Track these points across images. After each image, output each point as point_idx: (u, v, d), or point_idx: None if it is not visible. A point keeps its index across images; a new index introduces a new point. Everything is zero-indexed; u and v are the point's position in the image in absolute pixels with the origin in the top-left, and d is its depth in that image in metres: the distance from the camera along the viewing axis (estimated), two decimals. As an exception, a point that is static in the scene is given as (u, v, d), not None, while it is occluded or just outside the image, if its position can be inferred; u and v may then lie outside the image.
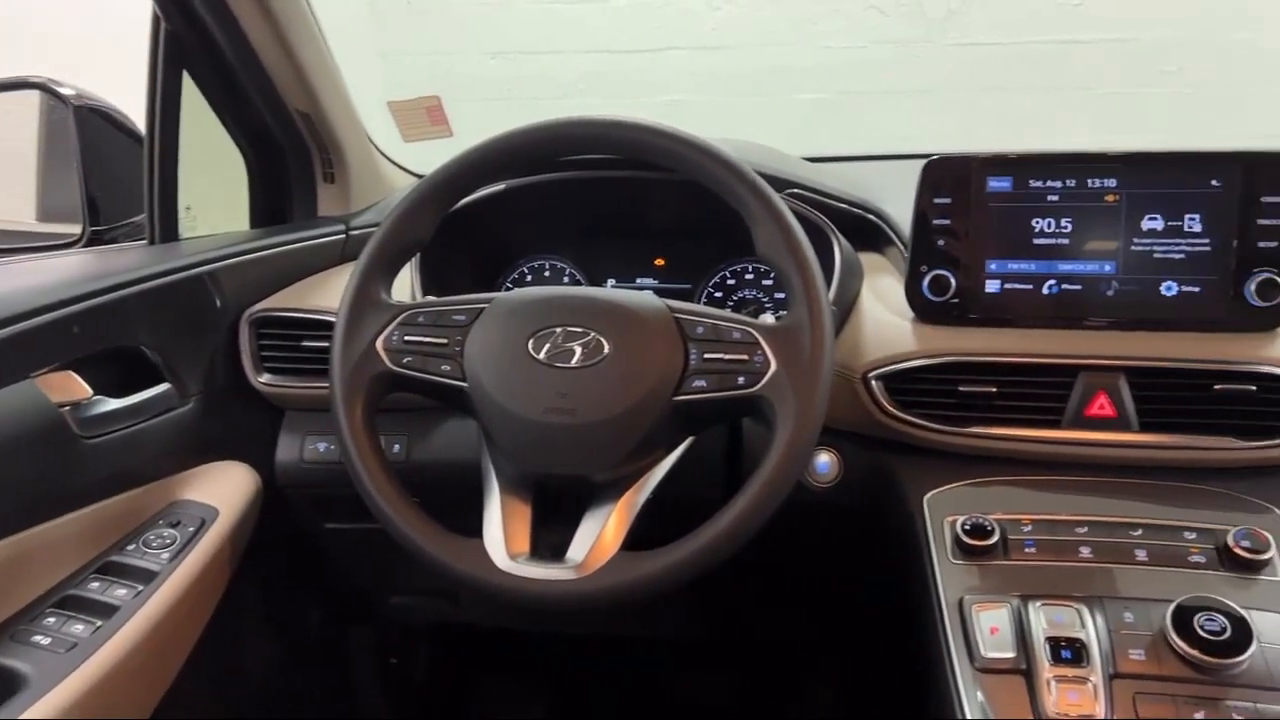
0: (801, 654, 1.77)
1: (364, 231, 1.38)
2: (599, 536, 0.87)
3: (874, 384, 1.05)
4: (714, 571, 0.85)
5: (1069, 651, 0.83)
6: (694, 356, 0.89)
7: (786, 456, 0.84)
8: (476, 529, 0.90)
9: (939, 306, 1.06)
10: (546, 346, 0.91)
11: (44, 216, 1.49)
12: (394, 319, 0.95)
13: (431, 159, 1.02)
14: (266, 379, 1.21)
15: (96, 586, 1.00)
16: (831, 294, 1.09)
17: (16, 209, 1.54)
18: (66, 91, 1.34)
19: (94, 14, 2.51)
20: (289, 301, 1.23)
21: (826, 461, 1.11)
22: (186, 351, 1.15)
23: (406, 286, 1.21)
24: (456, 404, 0.95)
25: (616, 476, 0.90)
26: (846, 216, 1.23)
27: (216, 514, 1.12)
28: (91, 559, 1.03)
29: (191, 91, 1.26)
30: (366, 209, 1.46)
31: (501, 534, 0.89)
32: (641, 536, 0.88)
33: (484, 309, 0.95)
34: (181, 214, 1.29)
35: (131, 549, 1.05)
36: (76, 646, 0.92)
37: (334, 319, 0.96)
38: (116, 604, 0.98)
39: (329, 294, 1.24)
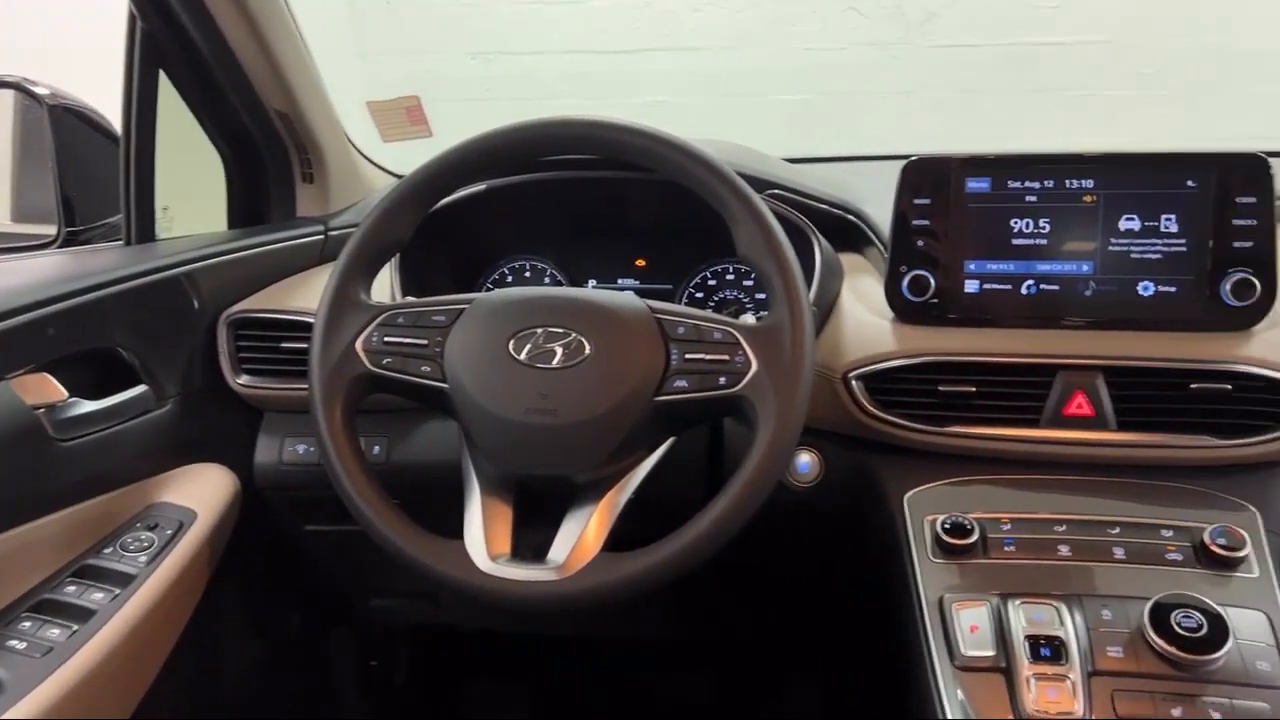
0: (783, 654, 1.77)
1: (343, 232, 1.37)
2: (580, 537, 0.87)
3: (854, 384, 1.05)
4: (696, 572, 0.85)
5: (1048, 649, 0.83)
6: (675, 357, 0.89)
7: (767, 456, 0.84)
8: (457, 530, 0.90)
9: (918, 307, 1.07)
10: (527, 347, 0.91)
11: (19, 217, 1.48)
12: (373, 320, 0.95)
13: (411, 159, 1.02)
14: (245, 380, 1.21)
15: (73, 590, 0.99)
16: (812, 294, 1.10)
17: (-9, 209, 1.53)
18: (41, 91, 1.33)
19: (71, 13, 2.49)
20: (267, 302, 1.23)
21: (807, 461, 1.11)
22: (164, 353, 1.14)
23: (386, 287, 1.21)
24: (437, 405, 0.95)
25: (598, 477, 0.90)
26: (827, 217, 1.23)
27: (195, 516, 1.11)
28: (68, 562, 1.02)
29: (168, 91, 1.25)
30: (345, 209, 1.45)
31: (482, 535, 0.89)
32: (623, 537, 0.88)
33: (464, 310, 0.95)
34: (158, 214, 1.28)
35: (108, 552, 1.04)
36: (52, 651, 0.91)
37: (313, 320, 0.96)
38: (93, 608, 0.97)
39: (308, 295, 1.23)
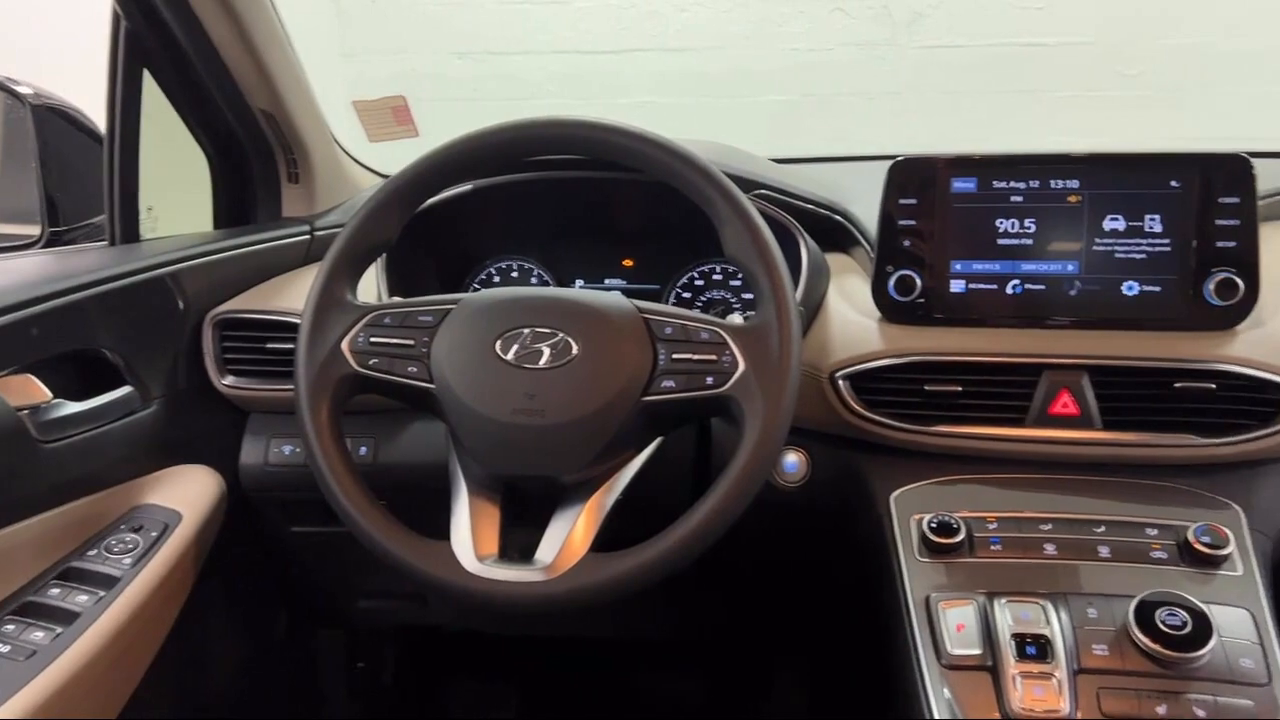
0: (771, 653, 1.78)
1: (329, 232, 1.37)
2: (568, 538, 0.87)
3: (841, 384, 1.05)
4: (683, 571, 0.85)
5: (1034, 648, 0.84)
6: (663, 357, 0.89)
7: (754, 456, 0.84)
8: (444, 531, 0.90)
9: (905, 306, 1.07)
10: (514, 347, 0.91)
11: (2, 217, 1.47)
12: (360, 320, 0.95)
13: (397, 159, 1.02)
14: (230, 381, 1.20)
15: (57, 593, 0.98)
16: (799, 294, 1.10)
17: (-26, 210, 1.52)
18: (25, 90, 1.32)
19: (52, 12, 2.47)
20: (253, 303, 1.22)
21: (794, 461, 1.11)
22: (149, 354, 1.13)
23: (372, 288, 1.20)
24: (423, 406, 0.95)
25: (585, 477, 0.90)
26: (813, 217, 1.23)
27: (180, 518, 1.11)
28: (52, 565, 1.01)
29: (153, 90, 1.25)
30: (331, 209, 1.44)
31: (470, 536, 0.88)
32: (611, 537, 0.88)
33: (451, 310, 0.95)
34: (143, 215, 1.27)
35: (93, 554, 1.04)
36: (36, 654, 0.91)
37: (299, 320, 0.95)
38: (77, 610, 0.97)
39: (294, 295, 1.23)
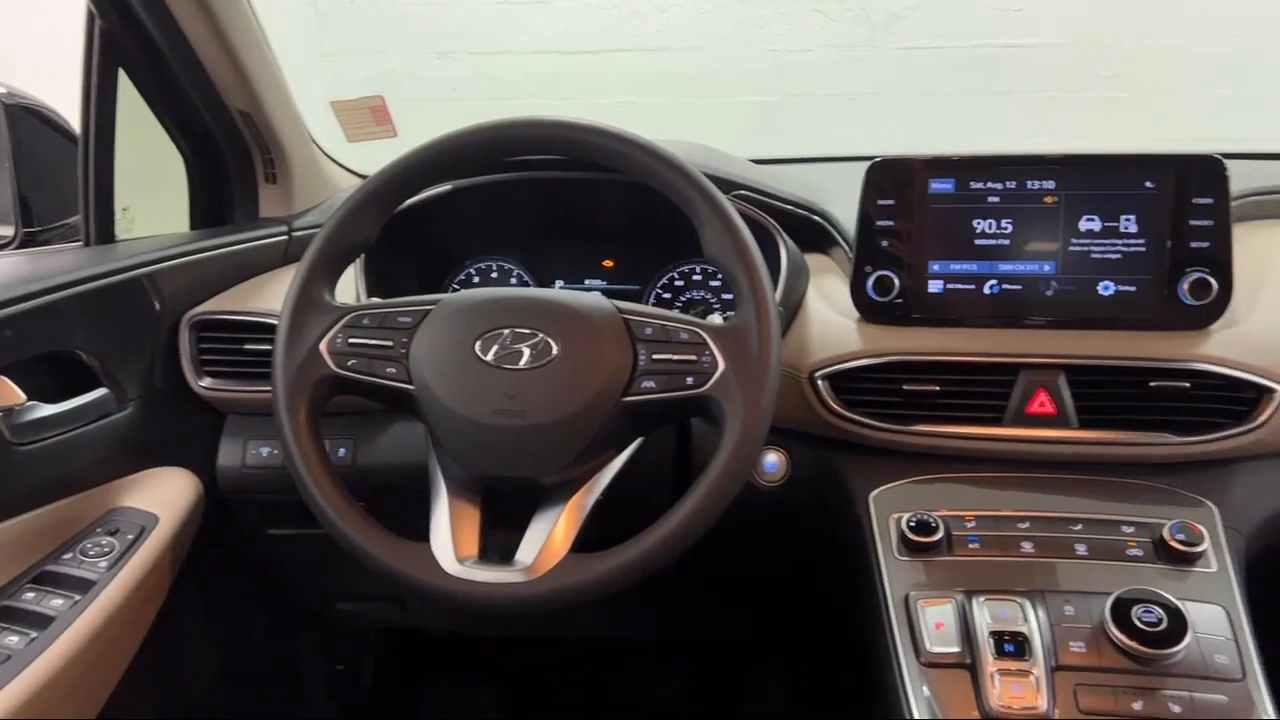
0: (752, 652, 1.78)
1: (307, 233, 1.36)
2: (548, 538, 0.87)
3: (820, 383, 1.06)
4: (664, 572, 0.85)
5: (1012, 645, 0.84)
6: (643, 357, 0.89)
7: (734, 456, 0.84)
8: (424, 533, 0.89)
9: (883, 307, 1.08)
10: (494, 348, 0.91)
11: (-25, 218, 1.45)
12: (338, 321, 0.94)
13: (376, 160, 1.01)
14: (207, 383, 1.19)
15: (31, 597, 0.98)
16: (778, 295, 1.10)
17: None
18: (-3, 89, 1.31)
19: (25, 11, 2.45)
20: (230, 304, 1.21)
21: (774, 461, 1.12)
22: (124, 355, 1.12)
23: (351, 288, 1.20)
24: (403, 407, 0.94)
25: (566, 478, 0.90)
26: (793, 218, 1.24)
27: (156, 521, 1.10)
28: (26, 569, 1.01)
29: (128, 90, 1.24)
30: (309, 210, 1.44)
31: (449, 538, 0.88)
32: (591, 538, 0.88)
33: (430, 310, 0.95)
34: (118, 215, 1.26)
35: (68, 558, 1.03)
36: (10, 659, 0.90)
37: (276, 321, 0.95)
38: (52, 614, 0.96)
39: (271, 296, 1.22)
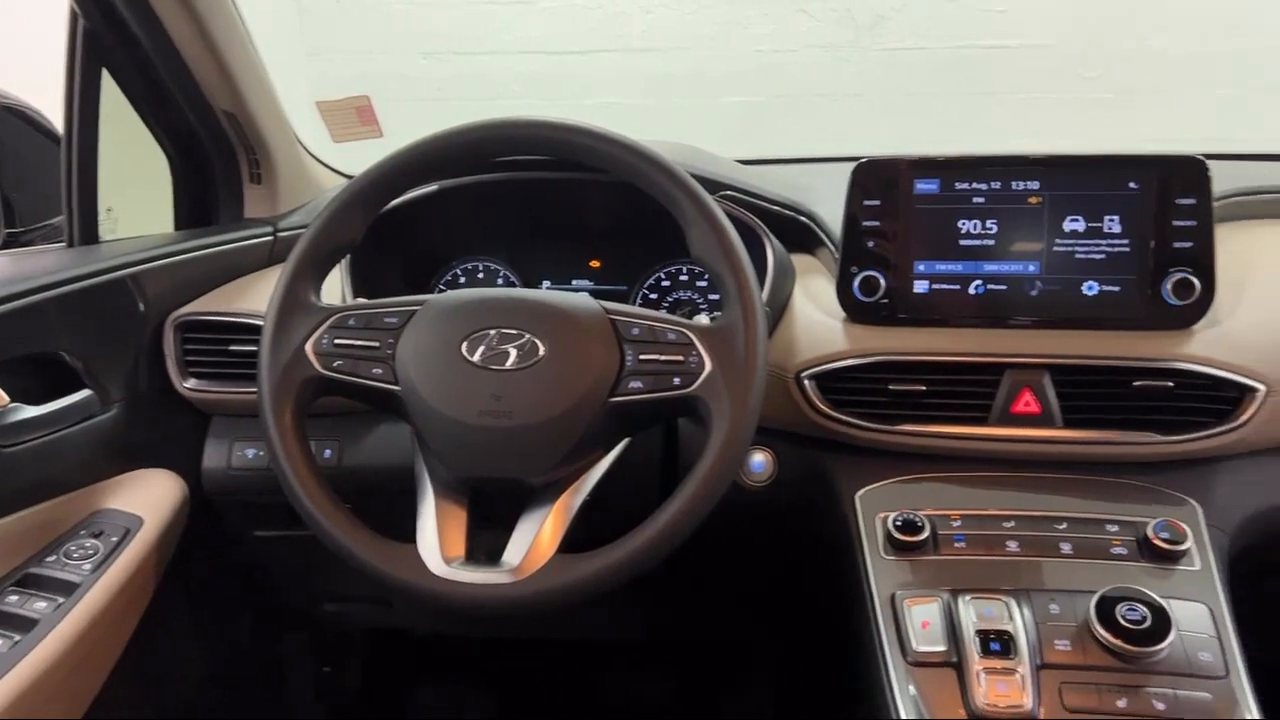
0: (739, 652, 1.78)
1: (292, 233, 1.36)
2: (535, 539, 0.87)
3: (806, 383, 1.06)
4: (651, 572, 0.85)
5: (997, 644, 0.85)
6: (630, 358, 0.89)
7: (722, 456, 0.84)
8: (411, 534, 0.89)
9: (869, 307, 1.08)
10: (481, 349, 0.90)
11: (-43, 219, 1.44)
12: (324, 322, 0.94)
13: (362, 160, 1.01)
14: (192, 384, 1.19)
15: (15, 600, 0.97)
16: (765, 295, 1.10)
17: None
18: (-21, 90, 1.30)
19: (7, 11, 2.43)
20: (215, 305, 1.21)
21: (761, 461, 1.12)
22: (108, 357, 1.12)
23: (336, 289, 1.19)
24: (389, 408, 0.94)
25: (553, 479, 0.90)
26: (779, 218, 1.24)
27: (141, 523, 1.10)
28: (9, 571, 1.00)
29: (112, 89, 1.23)
30: (295, 210, 1.43)
31: (436, 539, 0.88)
32: (579, 539, 0.88)
33: (416, 311, 0.94)
34: (102, 216, 1.25)
35: (51, 560, 1.02)
36: (-7, 662, 0.90)
37: (262, 322, 0.95)
38: (36, 617, 0.96)
39: (256, 297, 1.21)
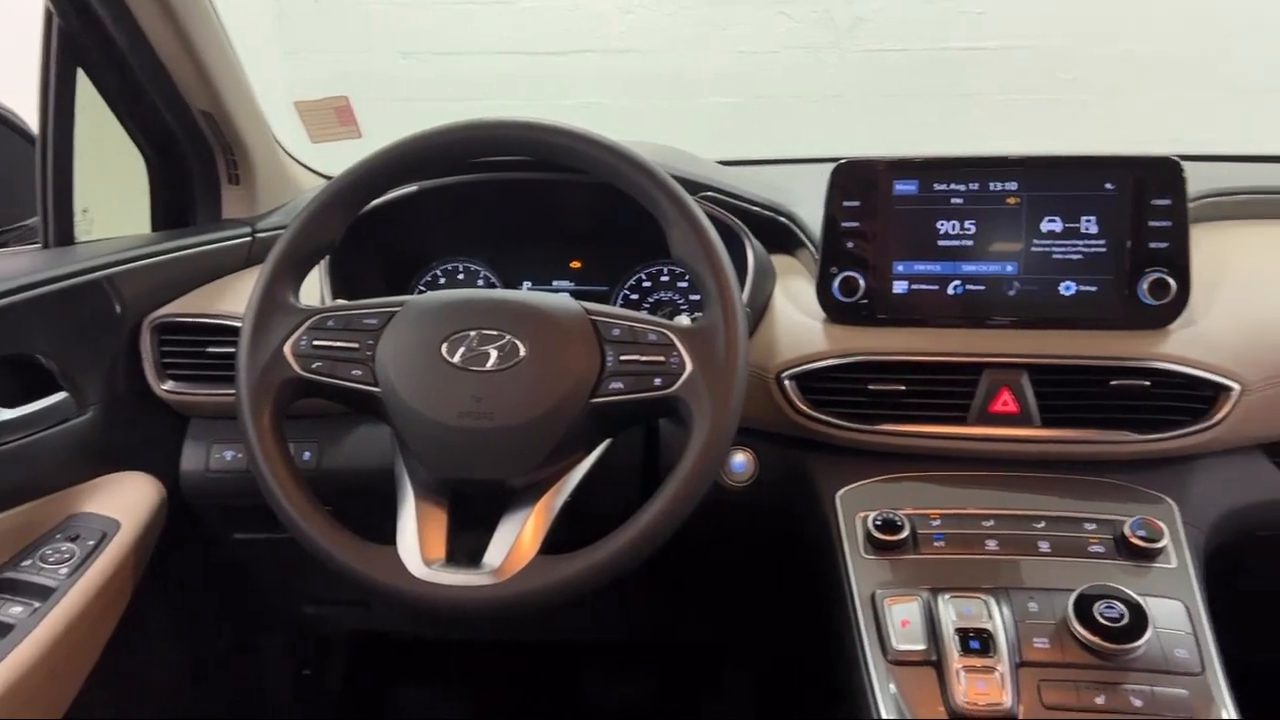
0: (720, 652, 1.79)
1: (270, 234, 1.35)
2: (516, 541, 0.87)
3: (787, 383, 1.06)
4: (633, 573, 0.85)
5: (977, 642, 0.85)
6: (610, 358, 0.89)
7: (702, 457, 0.84)
8: (391, 536, 0.89)
9: (849, 307, 1.08)
10: (461, 350, 0.90)
11: (-70, 220, 1.43)
12: (303, 323, 0.93)
13: (340, 160, 1.01)
14: (170, 386, 1.18)
15: (-10, 605, 0.96)
16: (745, 295, 1.10)
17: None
18: (-48, 89, 1.29)
19: None
20: (193, 306, 1.20)
21: (742, 461, 1.12)
22: (85, 359, 1.11)
23: (315, 290, 1.19)
24: (369, 410, 0.94)
25: (534, 480, 0.90)
26: (759, 219, 1.24)
27: (118, 526, 1.09)
28: (-16, 576, 0.99)
29: (88, 89, 1.22)
30: (273, 211, 1.42)
31: (416, 541, 0.88)
32: (560, 540, 0.88)
33: (396, 312, 0.94)
34: (78, 217, 1.24)
35: (27, 565, 1.01)
36: (-32, 668, 0.89)
37: (240, 324, 0.94)
38: (11, 622, 0.95)
39: (234, 298, 1.21)
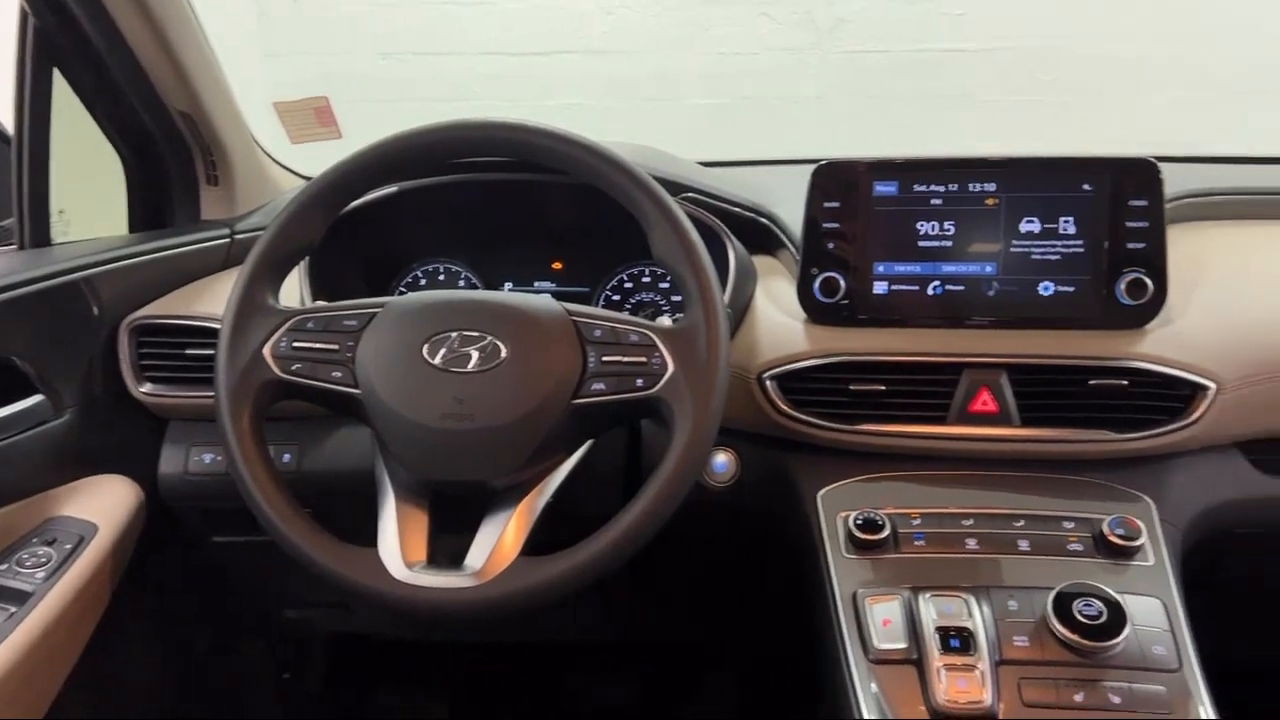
0: (702, 652, 1.79)
1: (250, 235, 1.34)
2: (498, 542, 0.87)
3: (768, 384, 1.06)
4: (615, 574, 0.85)
5: (957, 640, 0.86)
6: (592, 359, 0.89)
7: (684, 457, 0.85)
8: (372, 539, 0.88)
9: (829, 308, 1.09)
10: (442, 351, 0.90)
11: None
12: (282, 325, 0.93)
13: (320, 161, 1.00)
14: (148, 389, 1.17)
15: (-35, 610, 0.95)
16: (726, 296, 1.10)
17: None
18: (-74, 89, 1.27)
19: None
20: (171, 308, 1.19)
21: (724, 461, 1.12)
22: (61, 361, 1.10)
23: (295, 292, 1.18)
24: (349, 412, 0.93)
25: (515, 481, 0.90)
26: (740, 220, 1.24)
27: (96, 530, 1.08)
28: (-41, 581, 0.98)
29: (64, 89, 1.21)
30: (252, 212, 1.41)
31: (397, 543, 0.87)
32: (542, 541, 0.88)
33: (376, 313, 0.94)
34: (54, 218, 1.23)
35: (3, 569, 1.01)
36: (-57, 674, 0.88)
37: (219, 326, 0.93)
38: (-13, 627, 0.94)
39: (213, 300, 1.20)
